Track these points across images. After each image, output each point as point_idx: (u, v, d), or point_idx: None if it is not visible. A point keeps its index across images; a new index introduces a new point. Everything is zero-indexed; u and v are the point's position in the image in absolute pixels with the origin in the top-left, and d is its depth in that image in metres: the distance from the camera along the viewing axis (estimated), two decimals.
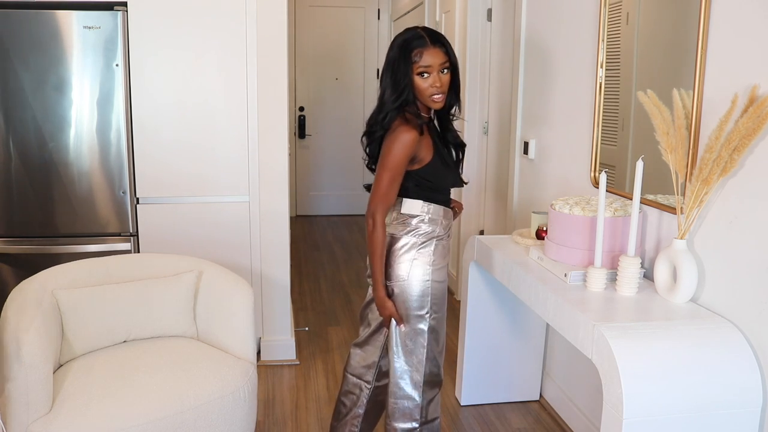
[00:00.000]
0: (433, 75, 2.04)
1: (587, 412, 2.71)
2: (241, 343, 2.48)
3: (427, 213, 2.17)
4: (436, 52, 2.04)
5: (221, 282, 2.60)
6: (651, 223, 2.21)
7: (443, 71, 2.06)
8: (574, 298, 2.01)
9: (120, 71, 3.06)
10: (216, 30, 3.11)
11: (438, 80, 2.05)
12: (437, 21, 4.75)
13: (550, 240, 2.31)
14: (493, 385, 3.01)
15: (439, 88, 2.06)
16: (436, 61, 2.03)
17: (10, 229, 3.15)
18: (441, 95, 2.07)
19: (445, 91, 2.08)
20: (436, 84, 2.05)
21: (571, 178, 2.81)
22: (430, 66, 2.03)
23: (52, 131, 3.07)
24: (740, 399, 1.73)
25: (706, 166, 1.81)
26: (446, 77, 2.07)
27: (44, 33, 2.98)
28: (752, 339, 1.79)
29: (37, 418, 2.03)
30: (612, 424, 1.69)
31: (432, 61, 2.03)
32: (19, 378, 2.01)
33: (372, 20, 6.83)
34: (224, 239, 3.26)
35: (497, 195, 4.03)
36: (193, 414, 2.19)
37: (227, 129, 3.20)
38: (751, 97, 1.75)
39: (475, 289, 2.87)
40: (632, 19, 2.38)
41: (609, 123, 2.52)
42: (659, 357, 1.72)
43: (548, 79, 3.03)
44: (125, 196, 3.15)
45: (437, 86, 2.05)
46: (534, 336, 2.99)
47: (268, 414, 2.92)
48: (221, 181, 3.23)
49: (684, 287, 1.94)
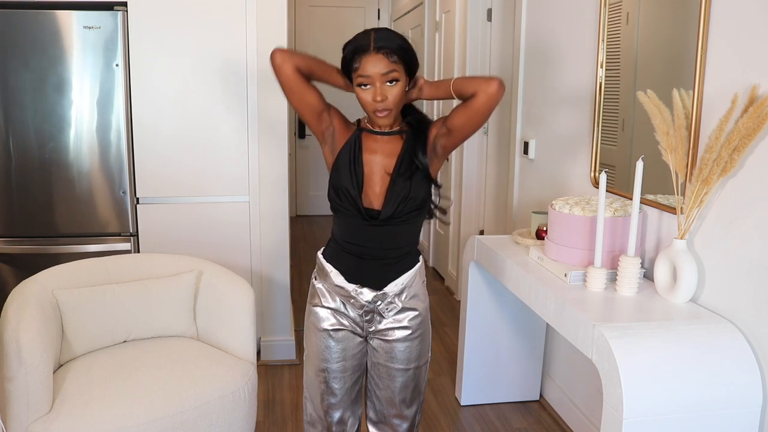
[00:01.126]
0: (375, 86, 1.70)
1: (587, 412, 2.71)
2: (241, 343, 2.48)
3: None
4: (377, 60, 1.67)
5: (221, 282, 2.60)
6: (651, 223, 2.21)
7: (390, 82, 1.69)
8: (574, 298, 2.01)
9: (120, 71, 3.06)
10: (216, 30, 3.11)
11: (380, 93, 1.69)
12: (437, 21, 4.75)
13: (550, 240, 2.31)
14: (493, 385, 3.01)
15: (382, 102, 1.70)
16: (376, 70, 1.67)
17: (10, 229, 3.15)
18: (385, 111, 1.72)
19: (390, 107, 1.72)
20: (376, 98, 1.70)
21: (571, 178, 2.81)
22: (369, 77, 1.68)
23: (52, 131, 3.07)
24: (740, 399, 1.73)
25: (706, 166, 1.81)
26: (395, 89, 1.70)
27: (44, 33, 2.98)
28: (752, 339, 1.79)
29: (37, 418, 2.03)
30: (612, 424, 1.69)
31: (372, 70, 1.68)
32: (19, 378, 2.01)
33: (372, 20, 6.83)
34: (224, 239, 3.26)
35: (497, 195, 4.03)
36: (193, 414, 2.19)
37: (227, 129, 3.20)
38: (751, 97, 1.75)
39: (475, 289, 2.87)
40: (632, 19, 2.38)
41: (609, 123, 2.51)
42: (659, 357, 1.72)
43: (548, 80, 3.03)
44: (125, 196, 3.15)
45: (378, 100, 1.70)
46: (534, 336, 2.99)
47: (268, 414, 2.92)
48: (221, 181, 3.23)
49: (684, 287, 1.94)
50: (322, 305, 1.91)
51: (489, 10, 3.97)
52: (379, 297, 1.86)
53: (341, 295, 1.88)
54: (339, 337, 1.91)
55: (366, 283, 1.85)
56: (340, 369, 1.93)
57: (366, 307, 1.87)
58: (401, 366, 1.93)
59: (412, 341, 1.92)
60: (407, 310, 1.90)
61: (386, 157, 1.80)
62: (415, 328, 1.91)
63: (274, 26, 3.16)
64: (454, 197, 4.45)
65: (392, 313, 1.88)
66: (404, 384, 1.95)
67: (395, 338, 1.90)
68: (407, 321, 1.90)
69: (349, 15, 6.82)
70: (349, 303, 1.88)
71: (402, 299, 1.88)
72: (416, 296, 1.91)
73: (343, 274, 1.87)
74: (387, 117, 1.74)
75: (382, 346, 1.92)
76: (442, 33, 4.65)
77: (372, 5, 6.83)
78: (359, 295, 1.86)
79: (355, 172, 1.78)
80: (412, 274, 1.89)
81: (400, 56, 1.69)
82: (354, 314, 1.89)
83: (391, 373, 1.94)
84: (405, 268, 1.87)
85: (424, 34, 5.04)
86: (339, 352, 1.92)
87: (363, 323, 1.91)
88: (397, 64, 1.69)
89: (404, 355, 1.92)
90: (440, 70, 4.74)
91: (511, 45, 3.62)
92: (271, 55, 1.74)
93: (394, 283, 1.86)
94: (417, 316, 1.91)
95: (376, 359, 1.95)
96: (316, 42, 6.75)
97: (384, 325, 1.90)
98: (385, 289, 1.86)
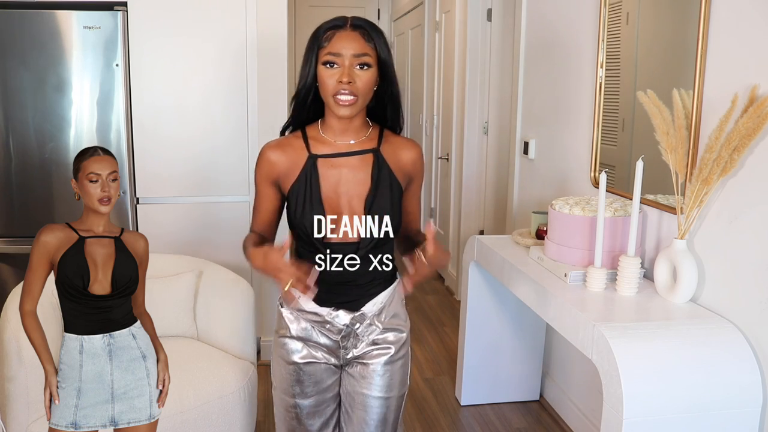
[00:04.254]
0: (342, 67, 1.48)
1: (587, 412, 2.71)
2: (241, 343, 2.48)
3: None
4: (351, 38, 1.48)
5: (221, 282, 2.61)
6: (651, 223, 2.21)
7: (362, 66, 1.48)
8: (574, 298, 2.01)
9: (120, 71, 3.06)
10: (216, 30, 3.11)
11: (347, 74, 1.47)
12: (437, 21, 4.75)
13: (550, 240, 2.31)
14: (493, 385, 3.01)
15: (349, 85, 1.47)
16: (348, 48, 1.47)
17: (10, 229, 3.15)
18: (351, 97, 1.48)
19: (357, 93, 1.48)
20: (343, 78, 1.47)
21: (571, 178, 2.81)
22: (339, 54, 1.47)
23: (52, 131, 3.07)
24: (740, 399, 1.73)
25: (706, 166, 1.81)
26: (365, 74, 1.49)
27: (44, 33, 2.98)
28: (752, 339, 1.79)
29: (37, 418, 2.03)
30: (612, 424, 1.69)
31: (342, 46, 1.47)
32: (19, 378, 2.01)
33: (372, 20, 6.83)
34: (224, 239, 3.26)
35: (497, 195, 4.03)
36: (193, 414, 2.19)
37: (227, 129, 3.20)
38: (751, 97, 1.75)
39: (475, 289, 2.87)
40: (632, 19, 2.38)
41: (609, 123, 2.51)
42: (659, 357, 1.72)
43: (548, 79, 3.03)
44: (125, 196, 3.15)
45: (344, 81, 1.47)
46: (534, 336, 2.99)
47: (268, 414, 2.91)
48: (221, 181, 3.23)
49: (684, 287, 1.94)
50: (290, 335, 1.67)
51: (489, 10, 3.97)
52: (357, 319, 1.65)
53: (313, 322, 1.65)
54: (311, 371, 1.68)
55: (341, 305, 1.64)
56: (314, 404, 1.70)
57: (344, 332, 1.66)
58: (379, 394, 1.69)
59: (393, 364, 1.70)
60: (388, 331, 1.69)
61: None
62: (398, 348, 1.70)
63: (274, 26, 3.16)
64: (454, 197, 4.45)
65: (373, 335, 1.68)
66: (381, 418, 1.71)
67: (375, 361, 1.68)
68: (388, 343, 1.69)
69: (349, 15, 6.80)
70: (324, 329, 1.66)
71: (382, 320, 1.67)
72: (396, 315, 1.70)
73: (314, 299, 1.62)
74: (351, 106, 1.49)
75: (359, 372, 1.69)
76: (442, 33, 4.65)
77: (372, 5, 6.83)
78: (335, 318, 1.64)
79: (311, 201, 1.57)
80: (391, 291, 1.68)
81: (377, 44, 1.51)
82: (328, 342, 1.67)
83: (366, 402, 1.69)
84: (383, 285, 1.67)
85: (424, 34, 5.04)
86: (312, 386, 1.69)
87: (339, 350, 1.68)
88: (372, 50, 1.50)
89: (384, 381, 1.69)
90: (440, 70, 4.74)
91: (511, 45, 3.62)
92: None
93: (371, 302, 1.65)
94: (398, 335, 1.70)
95: (350, 387, 1.71)
96: None
97: (362, 349, 1.68)
98: (363, 309, 1.65)
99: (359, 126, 1.60)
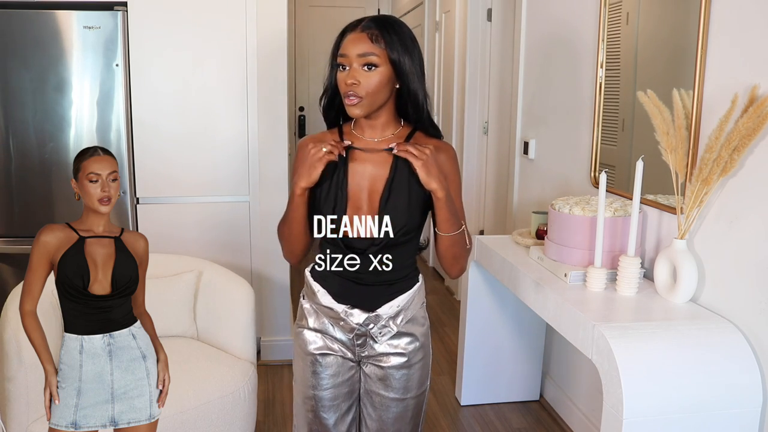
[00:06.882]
0: (350, 68, 1.52)
1: (587, 412, 2.71)
2: (241, 343, 2.48)
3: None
4: (358, 39, 1.51)
5: (221, 282, 2.61)
6: (651, 223, 2.21)
7: (368, 67, 1.51)
8: (574, 298, 2.01)
9: (120, 71, 3.06)
10: (216, 30, 3.11)
11: (353, 76, 1.51)
12: (437, 21, 4.75)
13: (550, 240, 2.31)
14: (493, 385, 3.01)
15: (354, 87, 1.51)
16: (353, 50, 1.51)
17: (10, 229, 3.15)
18: (356, 99, 1.51)
19: (362, 95, 1.51)
20: (348, 79, 1.51)
21: (571, 178, 2.81)
22: (346, 56, 1.52)
23: (52, 131, 3.07)
24: (740, 399, 1.73)
25: (706, 166, 1.81)
26: (371, 75, 1.51)
27: (44, 33, 2.98)
28: (752, 339, 1.79)
29: (37, 418, 2.03)
30: (612, 424, 1.69)
31: (349, 49, 1.51)
32: (19, 378, 2.02)
33: None
34: (224, 239, 3.26)
35: (497, 195, 4.03)
36: (193, 414, 2.19)
37: (227, 129, 3.20)
38: (751, 97, 1.75)
39: (475, 289, 2.87)
40: (632, 19, 2.38)
41: (609, 123, 2.51)
42: (659, 357, 1.72)
43: (548, 79, 3.03)
44: (125, 196, 3.15)
45: (348, 82, 1.51)
46: (534, 336, 2.99)
47: (268, 414, 2.91)
48: (221, 181, 3.23)
49: (684, 287, 1.94)
50: (308, 327, 1.70)
51: (489, 10, 3.97)
52: (372, 319, 1.64)
53: (329, 317, 1.68)
54: (327, 362, 1.69)
55: (357, 304, 1.64)
56: (330, 397, 1.71)
57: (357, 330, 1.66)
58: (396, 395, 1.71)
59: (409, 368, 1.70)
60: (404, 336, 1.68)
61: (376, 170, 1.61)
62: (412, 356, 1.69)
63: (274, 26, 3.16)
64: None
65: (386, 337, 1.67)
66: (399, 415, 1.73)
67: (390, 365, 1.69)
68: (403, 348, 1.68)
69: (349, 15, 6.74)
70: (338, 325, 1.67)
71: (397, 323, 1.66)
72: (414, 320, 1.69)
73: (331, 295, 1.66)
74: (358, 107, 1.52)
75: (375, 373, 1.70)
76: (442, 33, 4.65)
77: (372, 5, 6.83)
78: (349, 317, 1.65)
79: (338, 195, 1.60)
80: (410, 296, 1.67)
81: (388, 44, 1.51)
82: (343, 337, 1.68)
83: (384, 403, 1.71)
84: (402, 288, 1.66)
85: (424, 34, 5.04)
86: (328, 378, 1.69)
87: (354, 347, 1.69)
88: (380, 50, 1.51)
89: (401, 384, 1.70)
90: (440, 70, 4.74)
91: (511, 45, 3.62)
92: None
93: (388, 304, 1.65)
94: (414, 341, 1.69)
95: (369, 386, 1.72)
96: (316, 42, 6.75)
97: (378, 350, 1.68)
98: (379, 310, 1.64)
99: (384, 124, 1.62)
